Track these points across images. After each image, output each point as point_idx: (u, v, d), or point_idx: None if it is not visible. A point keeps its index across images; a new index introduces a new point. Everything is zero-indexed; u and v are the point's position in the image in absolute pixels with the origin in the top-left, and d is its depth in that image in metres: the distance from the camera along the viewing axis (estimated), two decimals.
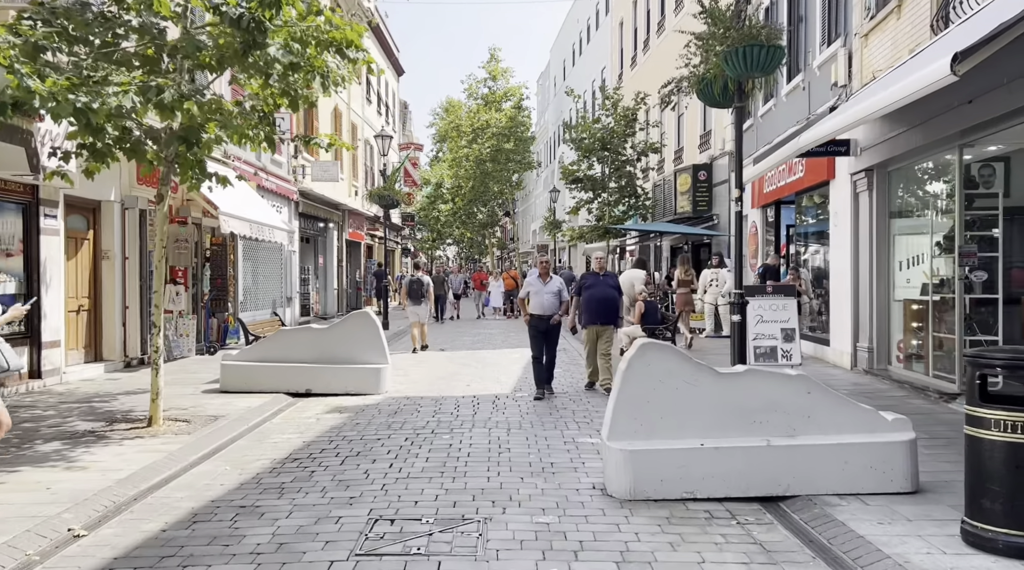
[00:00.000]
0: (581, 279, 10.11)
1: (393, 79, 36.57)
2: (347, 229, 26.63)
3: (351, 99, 26.83)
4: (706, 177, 19.87)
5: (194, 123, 6.97)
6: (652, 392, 5.32)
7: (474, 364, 13.05)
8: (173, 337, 13.12)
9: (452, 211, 44.81)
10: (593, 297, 9.58)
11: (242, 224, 12.81)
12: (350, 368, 9.75)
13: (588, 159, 19.52)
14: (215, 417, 8.00)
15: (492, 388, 10.32)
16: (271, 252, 19.10)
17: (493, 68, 44.36)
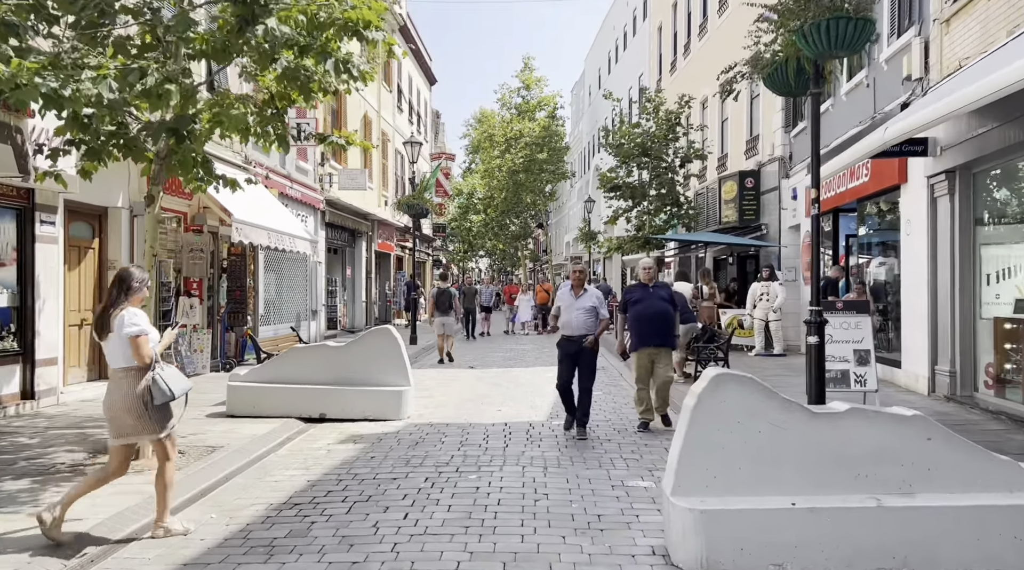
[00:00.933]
0: (627, 293, 8.43)
1: (425, 88, 35.91)
2: (376, 240, 25.85)
3: (381, 107, 26.13)
4: (753, 184, 18.68)
5: (184, 112, 6.09)
6: (729, 436, 4.25)
7: (506, 384, 12.02)
8: (186, 353, 12.32)
9: (484, 222, 43.91)
10: (643, 314, 7.97)
11: (259, 233, 11.98)
12: (369, 391, 8.79)
13: (627, 165, 18.43)
14: (213, 448, 7.08)
15: (525, 414, 9.28)
16: (295, 263, 18.32)
17: (527, 77, 43.51)
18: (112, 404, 4.64)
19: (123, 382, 4.64)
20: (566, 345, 7.89)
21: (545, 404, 9.92)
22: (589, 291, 7.96)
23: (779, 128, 17.48)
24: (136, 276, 4.78)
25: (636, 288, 8.29)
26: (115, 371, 4.71)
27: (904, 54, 10.94)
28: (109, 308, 4.67)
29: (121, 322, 4.57)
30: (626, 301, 8.28)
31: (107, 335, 4.66)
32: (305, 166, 18.62)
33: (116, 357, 4.67)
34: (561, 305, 7.96)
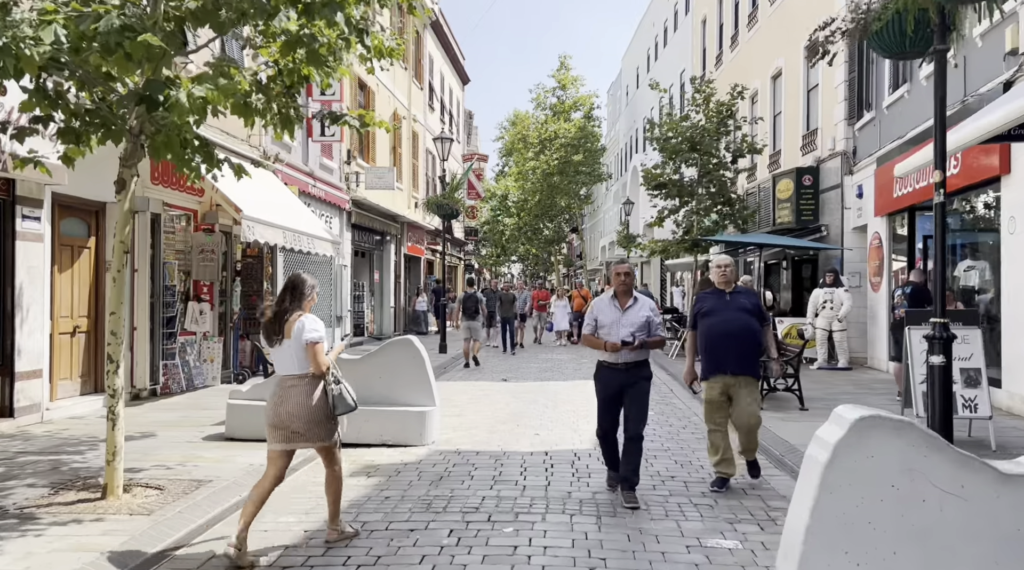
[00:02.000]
0: (698, 301, 6.33)
1: (458, 87, 34.87)
2: (405, 243, 24.79)
3: (412, 104, 25.10)
4: (812, 182, 17.19)
5: (158, 76, 4.96)
6: (879, 507, 2.96)
7: (543, 401, 10.76)
8: (194, 363, 11.27)
9: (517, 226, 42.70)
10: (717, 330, 5.98)
11: (273, 232, 10.89)
12: (387, 411, 7.60)
13: (674, 162, 17.04)
14: (199, 483, 5.93)
15: (568, 439, 8.02)
16: (319, 266, 17.26)
17: (563, 77, 42.31)
18: (285, 410, 4.53)
19: (295, 389, 4.56)
20: (608, 377, 5.75)
21: (589, 428, 8.61)
22: (640, 301, 5.79)
23: (841, 120, 16.01)
24: (308, 282, 4.75)
25: (708, 295, 6.24)
26: (287, 378, 4.63)
27: (1006, 26, 9.49)
28: (284, 314, 4.59)
29: (301, 328, 4.52)
30: (695, 313, 6.25)
31: (281, 341, 4.58)
32: (330, 164, 17.59)
33: (290, 363, 4.61)
34: (601, 320, 5.77)
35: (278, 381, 4.67)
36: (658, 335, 5.80)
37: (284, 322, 4.57)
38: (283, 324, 4.57)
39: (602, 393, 5.85)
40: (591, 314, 5.90)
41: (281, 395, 4.58)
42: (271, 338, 4.64)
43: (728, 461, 6.03)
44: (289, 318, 4.57)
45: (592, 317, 5.86)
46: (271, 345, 4.65)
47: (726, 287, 6.16)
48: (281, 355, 4.62)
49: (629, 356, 5.64)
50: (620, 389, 5.69)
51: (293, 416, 4.51)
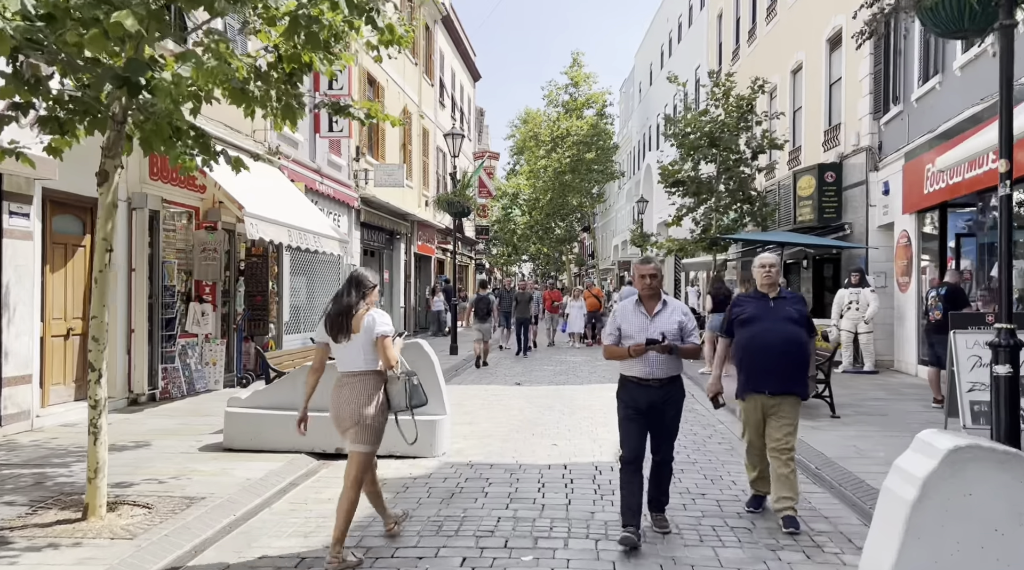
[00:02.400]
0: (736, 306, 5.44)
1: (469, 84, 34.41)
2: (416, 242, 24.34)
3: (422, 101, 24.65)
4: (834, 179, 16.62)
5: (140, 55, 4.50)
6: (979, 556, 2.46)
7: (559, 407, 10.27)
8: (196, 366, 10.85)
9: (528, 224, 42.21)
10: (759, 341, 5.11)
11: (278, 230, 10.45)
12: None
13: (692, 158, 16.50)
14: (191, 500, 5.47)
15: (587, 450, 7.52)
16: (327, 265, 16.86)
17: (575, 73, 41.77)
18: (345, 408, 4.47)
19: (356, 386, 4.49)
20: (635, 395, 4.80)
21: (609, 437, 8.14)
22: (670, 305, 4.93)
23: (866, 115, 15.44)
24: (371, 277, 4.67)
25: (748, 300, 5.37)
26: (349, 374, 4.53)
27: None
28: (350, 309, 4.47)
29: (372, 323, 4.44)
30: (732, 319, 5.38)
31: (349, 337, 4.46)
32: (338, 161, 17.16)
33: (355, 360, 4.51)
34: (625, 329, 4.89)
35: (338, 378, 4.56)
36: (693, 342, 4.85)
37: (351, 317, 4.46)
38: (350, 319, 4.46)
39: (627, 413, 4.85)
40: (613, 322, 4.98)
41: (339, 393, 4.51)
42: (337, 334, 4.48)
43: (766, 479, 5.36)
44: (356, 313, 4.46)
45: (615, 325, 4.95)
46: (336, 341, 4.51)
47: (770, 291, 5.26)
48: (347, 351, 4.50)
49: (661, 369, 4.74)
50: (649, 409, 4.79)
51: (350, 413, 4.44)
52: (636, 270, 4.97)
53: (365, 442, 4.50)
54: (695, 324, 4.95)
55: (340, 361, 4.58)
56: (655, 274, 4.90)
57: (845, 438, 7.69)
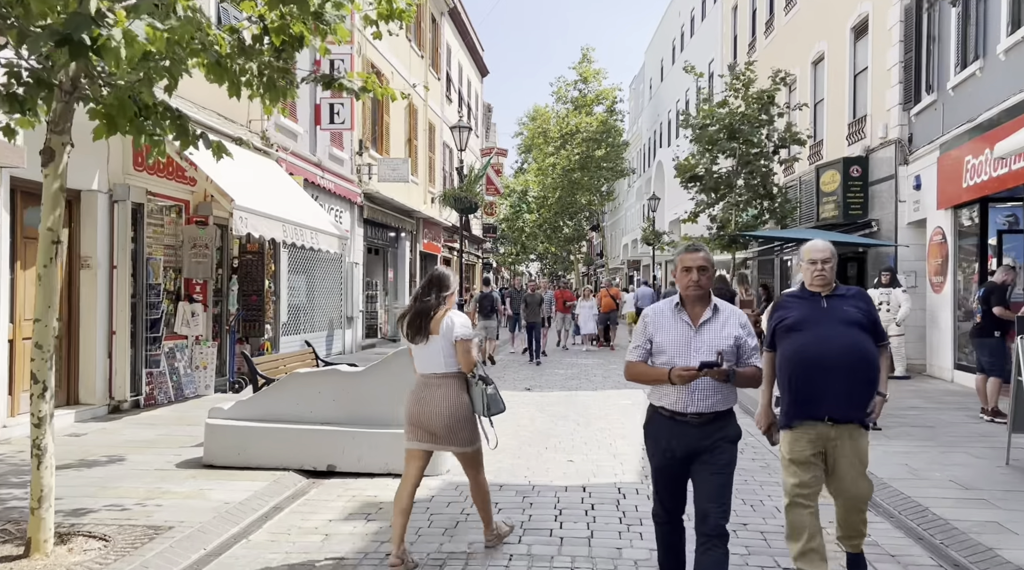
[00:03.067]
0: (779, 309, 4.17)
1: (476, 79, 33.69)
2: (421, 240, 23.64)
3: (428, 95, 23.93)
4: (860, 173, 15.83)
5: (85, 9, 3.78)
6: None
7: (573, 416, 9.52)
8: (185, 370, 10.16)
9: (537, 223, 41.48)
10: (812, 352, 3.90)
11: (271, 225, 9.74)
12: (394, 435, 6.39)
13: (711, 152, 15.71)
14: (156, 531, 4.76)
15: (607, 467, 6.77)
16: (328, 264, 16.17)
17: (585, 69, 41.07)
18: (428, 410, 4.36)
19: (440, 389, 4.39)
20: (668, 434, 3.57)
21: (631, 451, 7.39)
22: (723, 312, 3.61)
23: (895, 106, 14.64)
24: (451, 277, 4.58)
25: (794, 300, 4.14)
26: (430, 376, 4.43)
27: None
28: (429, 311, 4.39)
29: (451, 325, 4.37)
30: (775, 325, 4.11)
31: (427, 338, 4.39)
32: (340, 154, 16.46)
33: (435, 362, 4.42)
34: (660, 342, 3.58)
35: (419, 380, 4.47)
36: (754, 365, 3.57)
37: (430, 318, 4.37)
38: (428, 320, 4.37)
39: (659, 461, 3.63)
40: (643, 332, 3.64)
41: (423, 394, 4.40)
42: (415, 335, 4.41)
43: (816, 554, 3.83)
44: (435, 315, 4.38)
45: (644, 336, 3.61)
46: (414, 342, 4.43)
47: (823, 289, 4.02)
48: (426, 352, 4.42)
49: (707, 399, 3.45)
50: (690, 456, 3.50)
51: (435, 417, 4.33)
52: (679, 262, 3.62)
53: (467, 443, 4.43)
54: (756, 340, 3.62)
55: (420, 362, 4.49)
56: (705, 267, 3.53)
57: (893, 454, 6.93)
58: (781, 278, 22.06)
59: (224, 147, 5.73)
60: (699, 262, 3.56)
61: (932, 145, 13.07)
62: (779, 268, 22.48)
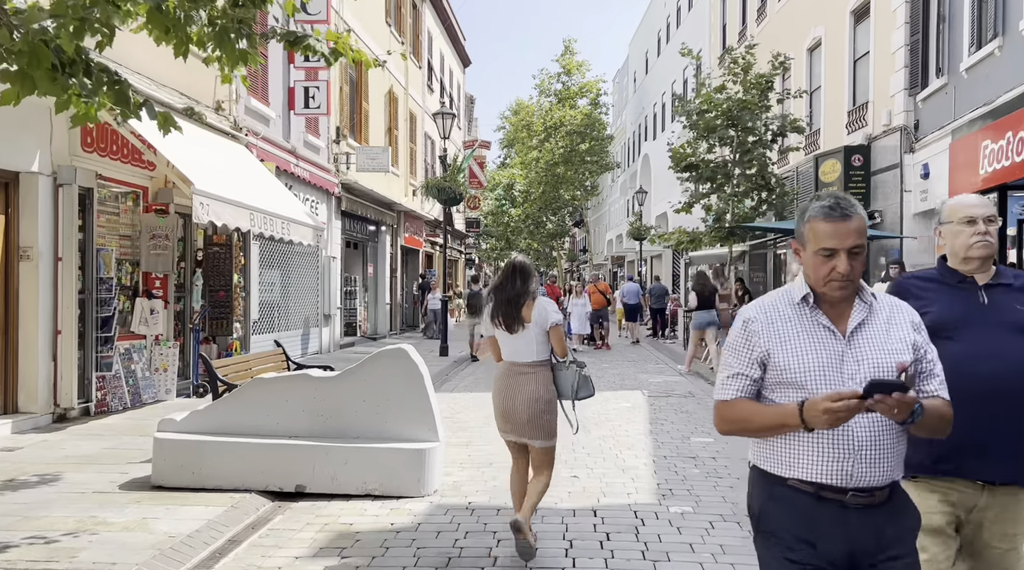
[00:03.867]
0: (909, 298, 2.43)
1: (458, 69, 32.78)
2: (402, 234, 22.73)
3: (409, 83, 23.02)
4: (862, 162, 15.16)
5: None
6: None
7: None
8: (143, 373, 9.23)
9: (522, 217, 40.66)
10: (967, 371, 2.49)
11: (237, 213, 8.83)
12: (374, 449, 5.55)
13: (708, 140, 14.94)
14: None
15: (618, 485, 5.96)
16: (304, 258, 15.25)
17: (568, 61, 40.27)
18: (521, 400, 4.29)
19: (531, 377, 4.33)
20: (814, 524, 2.10)
21: (639, 464, 6.59)
22: (882, 307, 2.21)
23: (900, 91, 13.96)
24: (532, 265, 4.59)
25: (930, 286, 2.76)
26: (522, 365, 4.36)
27: None
28: (519, 299, 4.34)
29: (545, 312, 4.34)
30: None
31: (523, 327, 4.32)
32: (316, 142, 15.52)
33: (529, 350, 4.36)
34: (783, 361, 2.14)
35: (507, 369, 4.42)
36: (941, 396, 2.20)
37: (521, 307, 4.34)
38: (520, 309, 4.34)
39: None
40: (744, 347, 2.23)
41: (514, 383, 4.35)
42: (512, 326, 4.34)
43: None
44: (525, 302, 4.36)
45: (749, 355, 2.21)
46: (512, 332, 4.35)
47: (981, 273, 2.71)
48: (519, 342, 4.36)
49: (877, 462, 2.07)
50: (853, 565, 2.10)
51: (526, 406, 4.30)
52: (814, 235, 2.16)
53: (548, 437, 4.37)
54: (935, 351, 2.26)
55: (509, 352, 4.41)
56: (858, 247, 2.13)
57: None
58: (774, 273, 21.42)
59: (172, 119, 4.88)
60: (850, 236, 2.11)
61: (942, 131, 12.39)
62: (772, 262, 21.84)
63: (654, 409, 9.49)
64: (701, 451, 7.09)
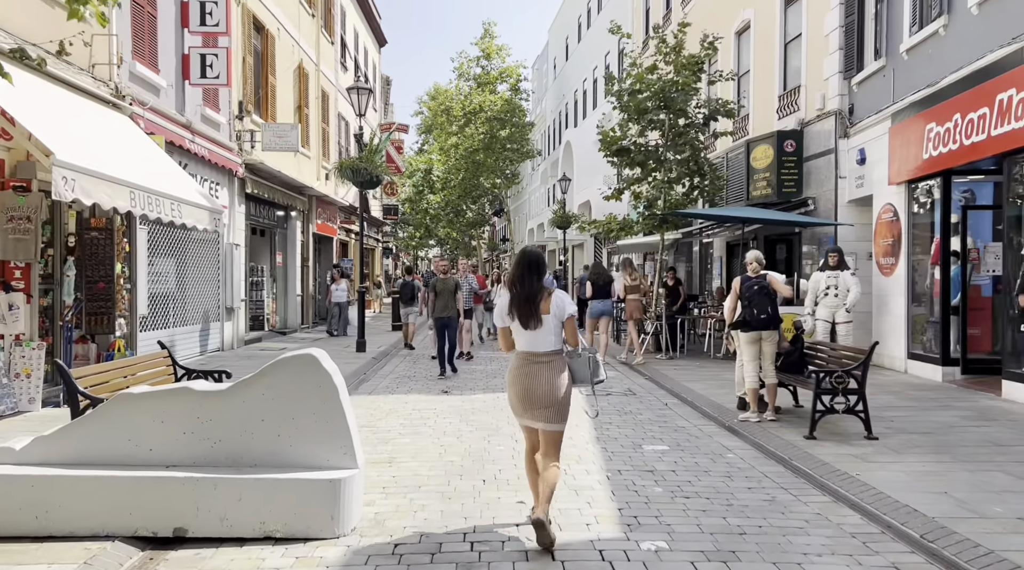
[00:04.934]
0: None
1: (374, 48, 31.24)
2: (315, 220, 21.27)
3: (321, 59, 21.54)
4: (795, 148, 14.77)
5: None
6: None
7: (507, 428, 7.74)
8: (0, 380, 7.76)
9: (441, 204, 39.44)
10: None
11: (114, 190, 7.46)
12: (275, 481, 4.44)
13: (639, 122, 14.19)
14: None
15: (573, 510, 5.02)
16: (202, 245, 13.77)
17: (487, 45, 39.16)
18: (540, 387, 4.39)
19: (550, 366, 4.43)
20: None
21: (596, 485, 5.68)
22: None
23: (834, 74, 13.58)
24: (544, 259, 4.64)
25: None
26: (541, 355, 4.44)
27: None
28: (537, 294, 4.43)
29: (562, 304, 4.45)
30: None
31: (541, 321, 4.41)
32: (216, 117, 14.00)
33: (547, 341, 4.46)
34: None
35: (524, 358, 4.45)
36: None
37: (539, 301, 4.42)
38: (538, 303, 4.41)
39: None
40: None
41: (535, 371, 4.41)
42: (530, 320, 4.40)
43: None
44: (543, 296, 4.43)
45: None
46: (528, 328, 4.41)
47: None
48: (537, 334, 4.43)
49: None
50: None
51: (545, 393, 4.38)
52: None
53: (561, 420, 4.44)
54: None
55: (526, 343, 4.46)
56: None
57: (916, 477, 5.55)
58: (701, 263, 21.05)
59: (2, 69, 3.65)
60: None
61: (880, 115, 12.02)
62: (699, 251, 21.46)
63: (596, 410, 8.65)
64: (658, 463, 6.27)
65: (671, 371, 11.75)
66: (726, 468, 6.14)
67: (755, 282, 7.72)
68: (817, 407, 6.94)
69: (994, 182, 10.99)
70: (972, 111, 9.33)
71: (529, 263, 4.50)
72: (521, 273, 4.49)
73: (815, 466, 5.95)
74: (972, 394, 9.30)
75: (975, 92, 9.32)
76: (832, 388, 6.96)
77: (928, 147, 10.46)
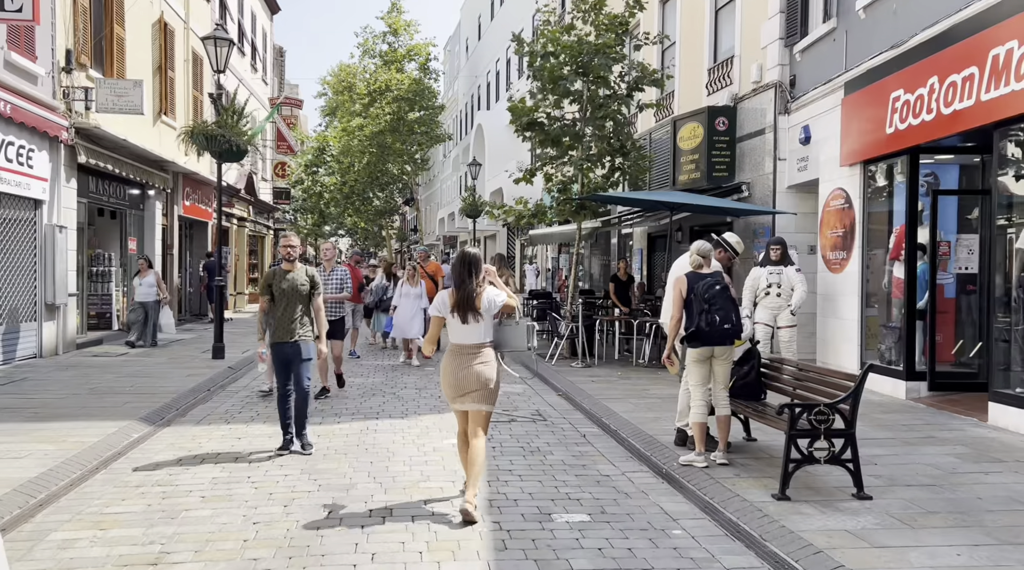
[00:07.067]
0: None
1: (264, 14, 28.14)
2: (182, 201, 18.34)
3: (191, 16, 18.60)
4: (727, 127, 13.04)
5: None
6: None
7: (365, 483, 5.50)
8: None
9: (339, 187, 36.51)
10: None
11: None
12: None
13: (554, 91, 12.08)
14: None
15: None
16: (12, 226, 10.91)
17: (395, 20, 36.44)
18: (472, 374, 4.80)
19: (480, 357, 4.83)
20: None
21: None
22: None
23: (774, 41, 11.89)
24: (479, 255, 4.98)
25: None
26: (472, 347, 4.85)
27: None
28: (474, 295, 4.80)
29: (491, 303, 4.82)
30: None
31: (477, 318, 4.80)
32: (30, 66, 11.12)
33: (478, 334, 4.85)
34: None
35: (458, 349, 4.84)
36: None
37: (475, 300, 4.78)
38: (475, 303, 4.78)
39: None
40: None
41: (467, 361, 4.80)
42: (466, 316, 4.79)
43: None
44: (478, 296, 4.79)
45: None
46: (465, 323, 4.80)
47: None
48: (470, 329, 4.82)
49: None
50: None
51: (476, 380, 4.78)
52: None
53: (490, 403, 4.87)
54: None
55: (461, 336, 4.84)
56: None
57: (937, 558, 3.65)
58: (619, 256, 19.26)
59: None
60: None
61: (830, 85, 10.35)
62: (617, 243, 19.67)
63: (493, 447, 6.54)
64: (574, 551, 4.18)
65: (588, 384, 9.75)
66: (673, 559, 4.11)
67: (714, 280, 5.77)
68: (791, 454, 5.01)
69: (960, 164, 9.47)
70: (956, 72, 7.63)
71: (467, 265, 4.83)
72: (461, 275, 4.82)
73: (802, 556, 4.00)
74: (951, 419, 7.64)
75: (960, 47, 7.64)
76: (812, 428, 5.04)
77: (894, 119, 8.76)
